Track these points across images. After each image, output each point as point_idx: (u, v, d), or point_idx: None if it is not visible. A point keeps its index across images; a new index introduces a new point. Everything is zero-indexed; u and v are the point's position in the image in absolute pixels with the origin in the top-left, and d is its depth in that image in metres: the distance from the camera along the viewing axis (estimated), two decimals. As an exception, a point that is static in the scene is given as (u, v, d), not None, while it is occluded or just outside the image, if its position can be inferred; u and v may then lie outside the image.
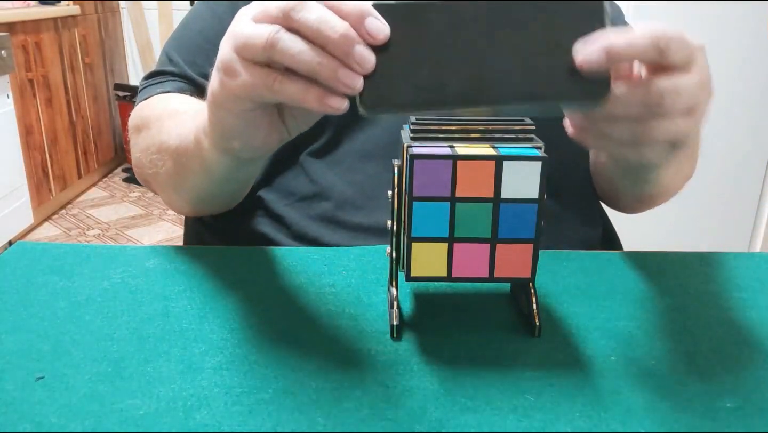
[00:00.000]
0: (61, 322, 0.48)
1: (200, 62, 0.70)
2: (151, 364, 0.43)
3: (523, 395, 0.41)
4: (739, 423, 0.39)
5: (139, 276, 0.56)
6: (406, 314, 0.50)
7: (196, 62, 0.70)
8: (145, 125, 0.65)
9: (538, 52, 0.40)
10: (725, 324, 0.50)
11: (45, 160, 2.87)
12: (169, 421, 0.38)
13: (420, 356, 0.45)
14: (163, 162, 0.61)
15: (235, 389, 0.41)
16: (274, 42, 0.39)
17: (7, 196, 2.52)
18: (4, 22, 2.49)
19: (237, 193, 0.66)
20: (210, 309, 0.50)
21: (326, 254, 0.60)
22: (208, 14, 0.73)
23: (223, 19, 0.69)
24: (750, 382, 0.43)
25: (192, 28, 0.73)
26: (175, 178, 0.62)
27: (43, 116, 2.84)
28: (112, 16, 3.64)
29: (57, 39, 2.98)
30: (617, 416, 0.39)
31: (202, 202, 0.65)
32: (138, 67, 3.78)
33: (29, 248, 0.61)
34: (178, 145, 0.57)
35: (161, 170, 0.62)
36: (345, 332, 0.48)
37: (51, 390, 0.41)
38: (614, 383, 0.42)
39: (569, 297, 0.53)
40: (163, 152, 0.61)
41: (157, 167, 0.63)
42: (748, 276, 0.58)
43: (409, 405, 0.40)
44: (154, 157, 0.62)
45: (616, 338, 0.48)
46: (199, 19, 0.74)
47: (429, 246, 0.45)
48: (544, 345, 0.47)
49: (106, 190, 3.40)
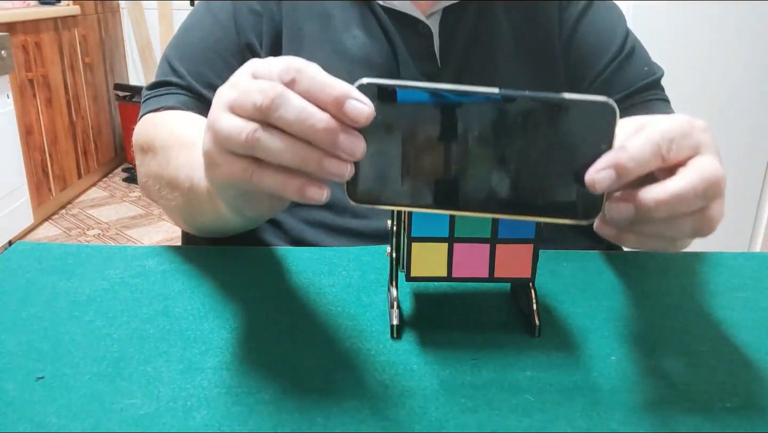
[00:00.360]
0: (61, 322, 0.48)
1: (204, 72, 0.69)
2: (151, 364, 0.43)
3: (523, 395, 0.41)
4: (739, 423, 0.39)
5: (139, 276, 0.56)
6: (406, 314, 0.50)
7: (200, 72, 0.69)
8: (151, 149, 0.63)
9: (536, 159, 0.37)
10: (725, 324, 0.50)
11: (45, 160, 2.87)
12: (169, 421, 0.38)
13: (420, 356, 0.45)
14: (173, 198, 0.59)
15: (235, 389, 0.41)
16: (253, 141, 0.38)
17: (7, 196, 2.52)
18: (4, 22, 2.49)
19: (251, 227, 0.64)
20: (210, 309, 0.50)
21: (326, 254, 0.60)
22: (209, 20, 0.71)
23: (225, 26, 0.70)
24: (750, 382, 0.43)
25: (194, 34, 0.72)
26: (186, 214, 0.60)
27: (43, 116, 2.84)
28: (112, 16, 3.64)
29: (57, 39, 2.98)
30: (617, 416, 0.39)
31: (212, 233, 0.63)
32: (138, 67, 3.78)
33: (29, 248, 0.61)
34: (189, 187, 0.55)
35: (171, 204, 0.60)
36: (345, 332, 0.48)
37: (51, 390, 0.41)
38: (614, 383, 0.42)
39: (569, 297, 0.53)
40: (173, 189, 0.58)
41: (167, 201, 0.60)
42: (748, 276, 0.58)
43: (409, 405, 0.40)
44: (164, 192, 0.60)
45: (616, 338, 0.48)
46: (201, 24, 0.72)
47: (429, 246, 0.45)
48: (544, 345, 0.47)
49: (106, 190, 3.40)
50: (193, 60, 0.70)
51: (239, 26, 0.70)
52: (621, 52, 0.74)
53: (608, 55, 0.73)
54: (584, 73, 0.74)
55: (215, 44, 0.70)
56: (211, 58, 0.69)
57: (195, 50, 0.70)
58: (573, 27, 0.74)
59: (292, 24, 0.70)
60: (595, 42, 0.74)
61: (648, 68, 0.75)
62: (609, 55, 0.73)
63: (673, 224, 0.39)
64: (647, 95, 0.73)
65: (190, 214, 0.59)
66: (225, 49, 0.69)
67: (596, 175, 0.37)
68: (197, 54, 0.70)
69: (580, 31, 0.74)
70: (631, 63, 0.74)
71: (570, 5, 0.75)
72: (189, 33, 0.72)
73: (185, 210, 0.59)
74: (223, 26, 0.70)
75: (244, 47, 0.69)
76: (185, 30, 0.73)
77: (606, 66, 0.73)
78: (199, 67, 0.69)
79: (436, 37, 0.71)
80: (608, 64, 0.73)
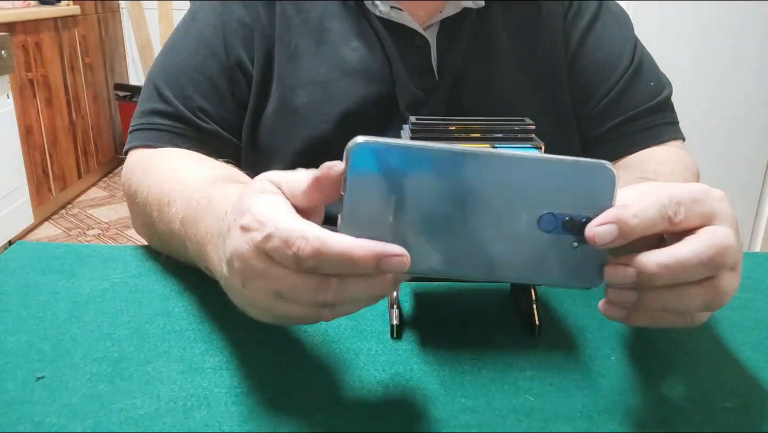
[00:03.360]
0: (61, 322, 0.48)
1: (190, 94, 0.67)
2: (151, 364, 0.43)
3: (523, 395, 0.41)
4: (739, 423, 0.39)
5: (139, 276, 0.56)
6: (406, 314, 0.50)
7: (186, 95, 0.67)
8: (142, 201, 0.60)
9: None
10: (725, 324, 0.50)
11: (45, 160, 2.87)
12: (169, 421, 0.38)
13: (420, 356, 0.45)
14: (170, 252, 0.57)
15: (235, 389, 0.41)
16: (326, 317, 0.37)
17: (7, 196, 2.52)
18: (4, 22, 2.49)
19: None
20: (210, 309, 0.50)
21: (326, 254, 0.60)
22: (194, 37, 0.69)
23: (211, 44, 0.67)
24: (750, 382, 0.43)
25: (179, 53, 0.69)
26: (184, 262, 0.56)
27: (43, 116, 2.84)
28: (112, 16, 3.64)
29: (57, 39, 2.98)
30: (617, 416, 0.39)
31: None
32: (138, 67, 3.78)
33: (29, 248, 0.61)
34: (185, 257, 0.53)
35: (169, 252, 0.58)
36: (345, 331, 0.48)
37: (51, 390, 0.41)
38: (614, 383, 0.42)
39: (569, 297, 0.53)
40: (167, 248, 0.57)
41: (163, 250, 0.59)
42: (748, 276, 0.58)
43: (409, 405, 0.40)
44: (157, 245, 0.59)
45: (616, 338, 0.48)
46: (185, 43, 0.69)
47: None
48: (544, 345, 0.47)
49: (106, 190, 3.40)
50: (178, 82, 0.67)
51: (228, 42, 0.68)
52: (629, 68, 0.72)
53: (616, 73, 0.71)
54: (591, 92, 0.72)
55: (200, 65, 0.67)
56: (196, 79, 0.67)
57: (180, 71, 0.68)
58: (579, 41, 0.72)
59: (287, 42, 0.68)
60: (603, 59, 0.72)
61: (655, 84, 0.73)
62: (617, 74, 0.71)
63: (679, 294, 0.36)
64: (654, 120, 0.71)
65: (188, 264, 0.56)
66: (210, 69, 0.67)
67: (597, 228, 0.35)
68: (182, 75, 0.67)
69: (587, 47, 0.72)
70: (639, 80, 0.72)
71: (576, 17, 0.72)
72: (174, 53, 0.69)
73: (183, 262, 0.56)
74: (208, 44, 0.68)
75: (233, 65, 0.68)
76: (170, 49, 0.70)
77: (613, 85, 0.71)
78: (185, 90, 0.67)
79: (434, 50, 0.69)
80: (616, 83, 0.71)
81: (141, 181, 0.61)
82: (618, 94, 0.71)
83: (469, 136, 0.45)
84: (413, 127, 0.45)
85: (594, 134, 0.72)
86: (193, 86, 0.67)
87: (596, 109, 0.72)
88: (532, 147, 0.45)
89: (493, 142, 0.45)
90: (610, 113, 0.72)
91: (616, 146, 0.71)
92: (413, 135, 0.45)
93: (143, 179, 0.61)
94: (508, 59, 0.70)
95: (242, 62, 0.68)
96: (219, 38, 0.68)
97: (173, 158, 0.63)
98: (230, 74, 0.68)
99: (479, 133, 0.46)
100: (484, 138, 0.46)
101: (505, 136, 0.46)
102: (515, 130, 0.46)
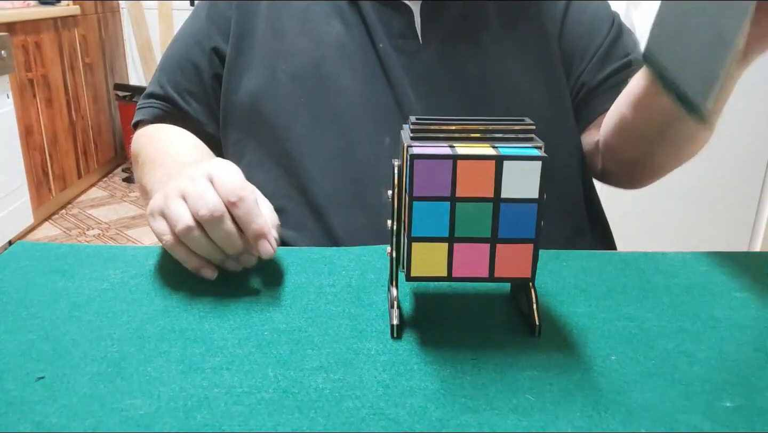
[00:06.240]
0: (61, 322, 0.48)
1: (179, 80, 0.79)
2: (151, 364, 0.43)
3: (523, 395, 0.41)
4: (739, 423, 0.39)
5: (139, 276, 0.56)
6: (406, 314, 0.50)
7: (177, 80, 0.80)
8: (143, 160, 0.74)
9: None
10: (725, 324, 0.50)
11: (45, 160, 2.87)
12: (169, 421, 0.38)
13: (420, 356, 0.45)
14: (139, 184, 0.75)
15: (235, 389, 0.41)
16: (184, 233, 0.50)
17: (7, 196, 2.52)
18: (4, 22, 2.49)
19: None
20: (210, 309, 0.50)
21: (326, 254, 0.60)
22: (189, 32, 0.81)
23: (200, 41, 0.80)
24: (750, 382, 0.43)
25: (175, 45, 0.82)
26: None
27: (43, 116, 2.84)
28: (112, 16, 3.64)
29: (57, 39, 2.98)
30: (617, 416, 0.39)
31: None
32: (138, 67, 3.78)
33: (29, 248, 0.61)
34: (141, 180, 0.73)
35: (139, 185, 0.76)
36: (345, 331, 0.48)
37: (51, 390, 0.41)
38: (614, 383, 0.42)
39: (569, 297, 0.53)
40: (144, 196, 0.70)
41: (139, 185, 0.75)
42: (748, 276, 0.58)
43: (409, 405, 0.40)
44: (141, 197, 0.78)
45: (616, 338, 0.48)
46: (181, 37, 0.82)
47: (429, 246, 0.45)
48: (544, 345, 0.47)
49: (106, 190, 3.40)
50: (171, 70, 0.80)
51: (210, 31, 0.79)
52: (613, 22, 0.79)
53: (605, 26, 0.78)
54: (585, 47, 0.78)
55: (188, 53, 0.80)
56: (184, 66, 0.79)
57: (173, 60, 0.81)
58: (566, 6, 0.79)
59: (273, 23, 0.76)
60: (589, 19, 0.79)
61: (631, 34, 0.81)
62: (605, 27, 0.78)
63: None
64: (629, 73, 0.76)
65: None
66: (195, 55, 0.79)
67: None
68: (174, 64, 0.80)
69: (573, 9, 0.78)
70: (623, 31, 0.80)
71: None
72: (173, 44, 0.83)
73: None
74: (196, 35, 0.79)
75: (210, 51, 0.78)
76: (172, 42, 0.83)
77: (605, 36, 0.78)
78: (176, 75, 0.80)
79: (417, 15, 0.73)
80: (607, 34, 0.78)
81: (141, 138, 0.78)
82: (612, 42, 0.78)
83: (469, 137, 0.45)
84: (413, 127, 0.45)
85: (595, 81, 0.78)
86: (181, 72, 0.79)
87: (594, 60, 0.78)
88: (532, 147, 0.45)
89: (493, 143, 0.45)
90: (607, 60, 0.78)
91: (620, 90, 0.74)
92: (413, 135, 0.45)
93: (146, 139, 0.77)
94: (495, 26, 0.75)
95: (218, 48, 0.78)
96: (204, 29, 0.79)
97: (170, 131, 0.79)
98: (209, 57, 0.79)
99: (479, 134, 0.46)
100: (484, 138, 0.46)
101: (505, 137, 0.46)
102: (515, 131, 0.46)
